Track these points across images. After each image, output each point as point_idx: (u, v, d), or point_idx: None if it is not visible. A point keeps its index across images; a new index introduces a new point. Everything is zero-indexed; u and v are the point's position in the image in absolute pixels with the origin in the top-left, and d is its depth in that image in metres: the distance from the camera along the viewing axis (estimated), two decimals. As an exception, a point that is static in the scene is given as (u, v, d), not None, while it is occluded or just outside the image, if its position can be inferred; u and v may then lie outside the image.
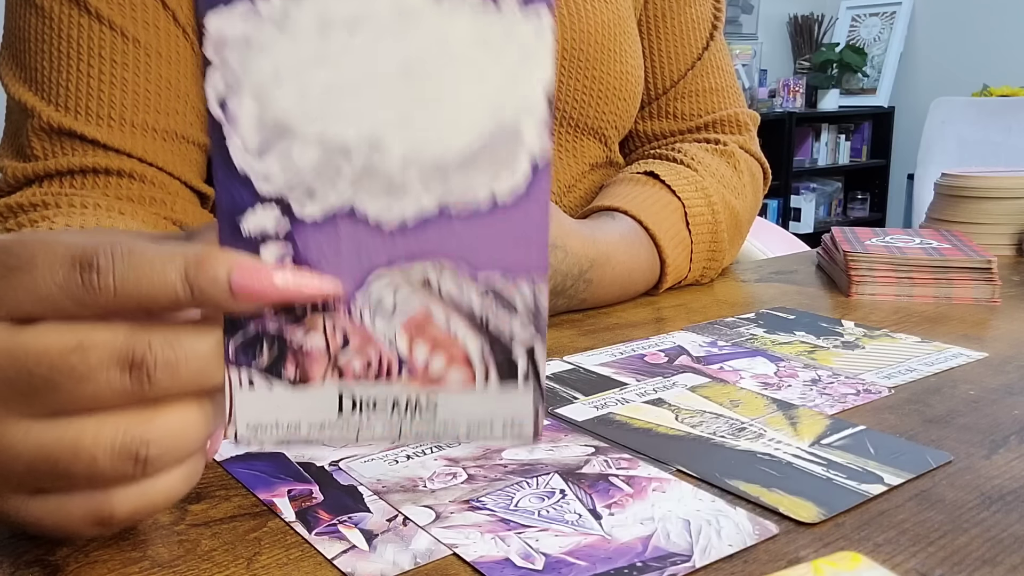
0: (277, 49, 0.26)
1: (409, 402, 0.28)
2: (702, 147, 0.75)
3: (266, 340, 0.28)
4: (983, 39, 3.91)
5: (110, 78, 0.58)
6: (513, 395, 0.28)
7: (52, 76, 0.57)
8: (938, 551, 0.30)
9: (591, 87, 0.71)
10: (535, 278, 0.27)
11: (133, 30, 0.58)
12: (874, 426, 0.41)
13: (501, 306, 0.28)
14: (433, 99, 0.26)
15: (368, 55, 0.26)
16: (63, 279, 0.26)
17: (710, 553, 0.30)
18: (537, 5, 0.26)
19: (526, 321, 0.28)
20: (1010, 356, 0.52)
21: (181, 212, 0.60)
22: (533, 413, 0.28)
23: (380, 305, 0.28)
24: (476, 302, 0.28)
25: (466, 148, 0.26)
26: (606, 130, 0.74)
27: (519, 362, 0.28)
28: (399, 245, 0.27)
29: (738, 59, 3.83)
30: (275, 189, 0.27)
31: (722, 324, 0.60)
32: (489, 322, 0.28)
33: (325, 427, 0.29)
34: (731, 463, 0.37)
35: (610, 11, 0.72)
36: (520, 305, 0.28)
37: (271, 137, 0.26)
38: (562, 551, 0.30)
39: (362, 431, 0.29)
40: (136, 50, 0.58)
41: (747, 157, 0.78)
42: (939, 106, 3.02)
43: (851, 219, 4.30)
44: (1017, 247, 0.82)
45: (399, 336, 0.28)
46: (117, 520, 0.27)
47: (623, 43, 0.73)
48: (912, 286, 0.67)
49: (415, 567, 0.29)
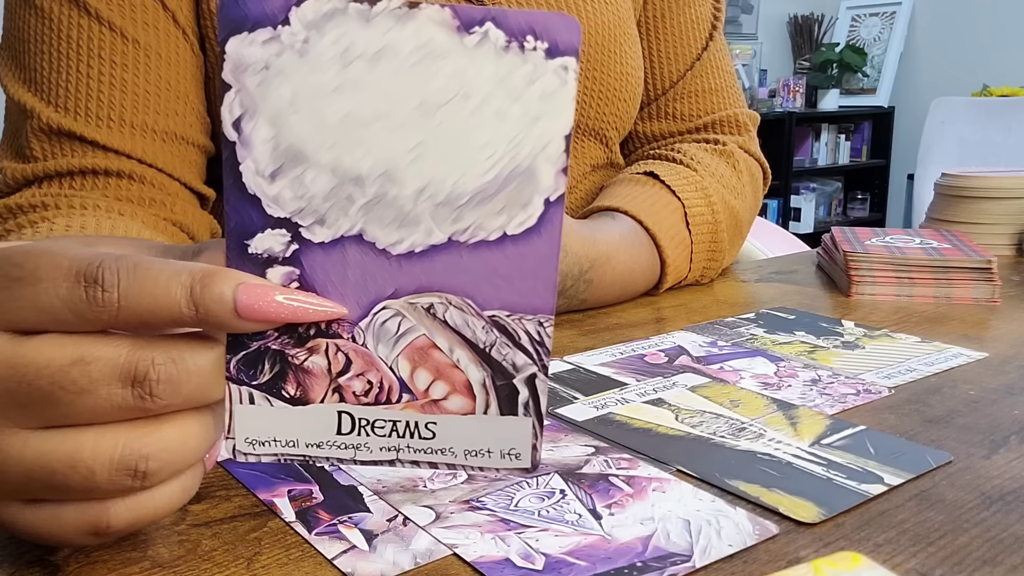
0: (296, 76, 0.26)
1: (408, 425, 0.29)
2: (702, 147, 0.76)
3: (268, 358, 0.28)
4: (983, 39, 3.91)
5: (110, 79, 0.58)
6: (512, 425, 0.28)
7: (52, 77, 0.57)
8: (938, 551, 0.30)
9: (592, 88, 0.71)
10: (542, 316, 0.28)
11: (133, 31, 0.58)
12: (874, 426, 0.41)
13: (506, 338, 0.28)
14: (451, 136, 0.26)
15: (389, 88, 0.26)
16: (67, 293, 0.25)
17: (710, 553, 0.30)
18: (565, 58, 0.26)
19: (530, 354, 0.28)
20: (1010, 356, 0.52)
21: (181, 213, 0.60)
22: (531, 443, 0.29)
23: (383, 330, 0.28)
24: (480, 333, 0.28)
25: (481, 186, 0.27)
26: (607, 131, 0.74)
27: (520, 393, 0.28)
28: (406, 273, 0.27)
29: (738, 59, 3.83)
30: (285, 213, 0.27)
31: (722, 324, 0.60)
32: (492, 353, 0.28)
33: (323, 445, 0.29)
34: (731, 463, 0.37)
35: (610, 12, 0.72)
36: (524, 339, 0.28)
37: (285, 162, 0.26)
38: (562, 551, 0.30)
39: (360, 451, 0.29)
40: (136, 51, 0.58)
41: (747, 157, 0.78)
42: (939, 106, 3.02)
43: (851, 219, 4.30)
44: (1017, 247, 0.82)
45: (401, 361, 0.28)
46: (113, 531, 0.27)
47: (623, 44, 0.73)
48: (912, 286, 0.67)
49: (415, 567, 0.29)
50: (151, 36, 0.59)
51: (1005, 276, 0.73)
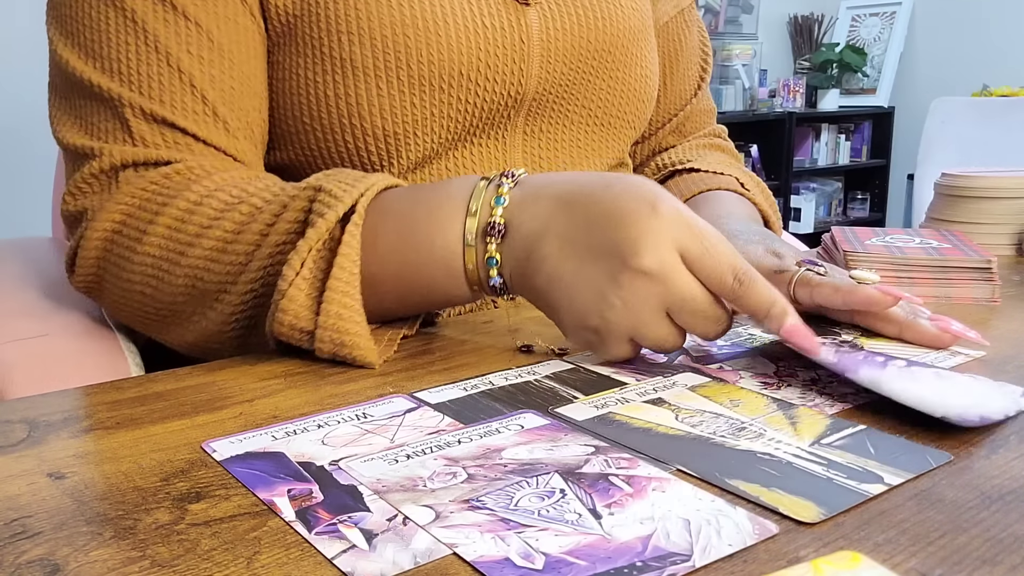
0: None
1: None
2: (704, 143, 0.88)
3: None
4: (983, 39, 3.91)
5: (200, 73, 0.58)
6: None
7: (140, 69, 0.57)
8: (938, 551, 0.30)
9: (616, 88, 0.74)
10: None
11: (215, 25, 0.58)
12: (874, 426, 0.41)
13: None
14: None
15: None
16: (730, 283, 0.46)
17: (710, 553, 0.30)
18: None
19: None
20: (1010, 356, 0.52)
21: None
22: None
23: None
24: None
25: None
26: (624, 129, 0.77)
27: None
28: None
29: (738, 59, 3.83)
30: None
31: (722, 324, 0.60)
32: None
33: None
34: (731, 463, 0.37)
35: (636, 17, 0.74)
36: None
37: None
38: (562, 551, 0.30)
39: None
40: (219, 46, 0.58)
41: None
42: (939, 106, 3.01)
43: (851, 219, 4.30)
44: (1017, 247, 0.82)
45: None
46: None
47: (644, 48, 0.76)
48: (912, 286, 0.67)
49: (415, 566, 0.29)
50: (231, 29, 0.59)
51: (1005, 276, 0.73)
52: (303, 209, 0.52)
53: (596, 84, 0.72)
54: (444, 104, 0.63)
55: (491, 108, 0.66)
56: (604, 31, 0.71)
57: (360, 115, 0.62)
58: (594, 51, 0.70)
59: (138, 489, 0.35)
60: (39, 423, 0.43)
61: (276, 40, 0.62)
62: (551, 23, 0.67)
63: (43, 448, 0.39)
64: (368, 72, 0.61)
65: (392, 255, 0.52)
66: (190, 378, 0.49)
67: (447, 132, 0.65)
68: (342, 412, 0.43)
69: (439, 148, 0.66)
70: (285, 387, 0.48)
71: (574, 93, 0.71)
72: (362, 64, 0.61)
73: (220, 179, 0.56)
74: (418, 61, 0.62)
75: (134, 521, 0.33)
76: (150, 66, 0.57)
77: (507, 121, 0.68)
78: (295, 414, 0.43)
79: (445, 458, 0.38)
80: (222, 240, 0.53)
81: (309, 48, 0.61)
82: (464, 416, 0.43)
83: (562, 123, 0.71)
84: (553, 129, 0.71)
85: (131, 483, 0.36)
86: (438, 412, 0.43)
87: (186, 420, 0.43)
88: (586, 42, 0.69)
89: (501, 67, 0.64)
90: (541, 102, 0.69)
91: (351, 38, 0.61)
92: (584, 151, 0.74)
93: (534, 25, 0.66)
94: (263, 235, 0.53)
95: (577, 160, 0.73)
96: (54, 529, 0.32)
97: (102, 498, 0.34)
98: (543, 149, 0.71)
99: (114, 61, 0.57)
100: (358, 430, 0.41)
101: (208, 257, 0.54)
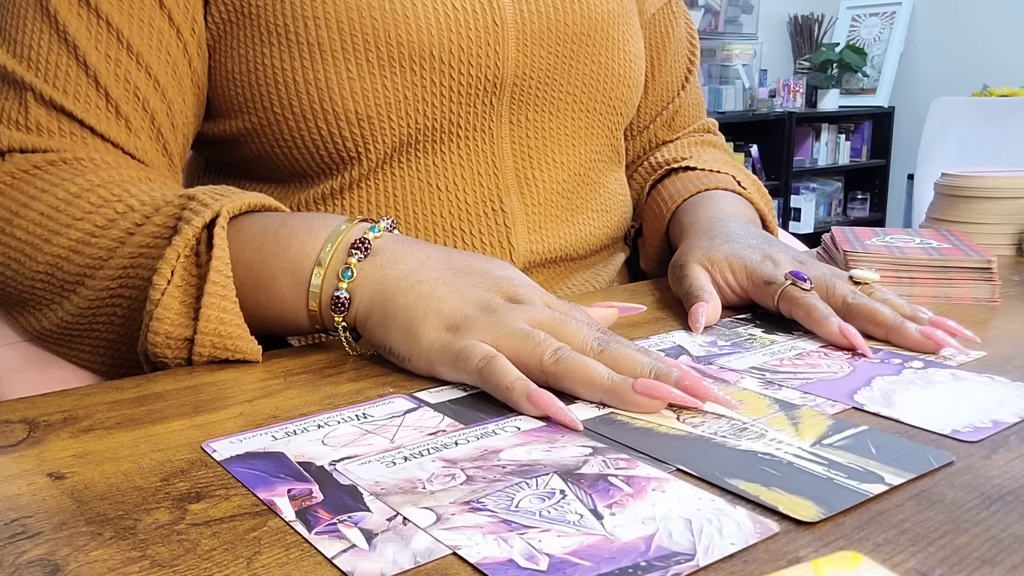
0: None
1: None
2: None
3: None
4: (983, 39, 3.91)
5: (105, 71, 0.58)
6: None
7: (49, 58, 0.57)
8: (938, 551, 0.30)
9: (599, 72, 0.73)
10: None
11: (128, 28, 0.58)
12: (876, 426, 0.41)
13: None
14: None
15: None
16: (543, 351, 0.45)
17: (713, 552, 0.30)
18: None
19: None
20: (1010, 356, 0.52)
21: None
22: None
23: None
24: None
25: None
26: (612, 115, 0.76)
27: None
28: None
29: (738, 59, 3.83)
30: None
31: (721, 324, 0.60)
32: None
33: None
34: (731, 463, 0.37)
35: (615, 1, 0.74)
36: None
37: None
38: (565, 551, 0.30)
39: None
40: (128, 47, 0.59)
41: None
42: (939, 106, 3.01)
43: (851, 219, 4.30)
44: (1017, 247, 0.82)
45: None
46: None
47: (625, 33, 0.76)
48: (912, 286, 0.67)
49: (415, 566, 0.29)
50: (144, 31, 0.59)
51: (1005, 276, 0.73)
52: (173, 215, 0.53)
53: (579, 69, 0.71)
54: (417, 87, 0.63)
55: (469, 92, 0.65)
56: (581, 14, 0.70)
57: (331, 99, 0.62)
58: (572, 34, 0.70)
59: (138, 489, 0.35)
60: (39, 423, 0.43)
61: (228, 31, 0.63)
62: (525, 5, 0.67)
63: (43, 448, 0.39)
64: (336, 55, 0.61)
65: (247, 269, 0.53)
66: (190, 378, 0.49)
67: (424, 117, 0.65)
68: (342, 412, 0.43)
69: (418, 135, 0.65)
70: (285, 387, 0.48)
71: (556, 78, 0.70)
72: (330, 47, 0.61)
73: (106, 175, 0.56)
74: (386, 42, 0.62)
75: (134, 521, 0.33)
76: (59, 56, 0.57)
77: (491, 110, 0.67)
78: (295, 414, 0.43)
79: (443, 460, 0.38)
80: (88, 233, 0.54)
81: (274, 36, 0.62)
82: (464, 416, 0.43)
83: (548, 111, 0.71)
84: (539, 117, 0.71)
85: (131, 483, 0.36)
86: (438, 412, 0.43)
87: (186, 420, 0.43)
88: (563, 25, 0.69)
89: (475, 49, 0.64)
90: (523, 88, 0.68)
91: (316, 22, 0.61)
92: (572, 139, 0.73)
93: (507, 7, 0.65)
94: (129, 233, 0.53)
95: (567, 148, 0.73)
96: (54, 529, 0.32)
97: (102, 498, 0.34)
98: (531, 139, 0.70)
99: (24, 47, 0.58)
100: (358, 430, 0.41)
101: (71, 248, 0.54)
